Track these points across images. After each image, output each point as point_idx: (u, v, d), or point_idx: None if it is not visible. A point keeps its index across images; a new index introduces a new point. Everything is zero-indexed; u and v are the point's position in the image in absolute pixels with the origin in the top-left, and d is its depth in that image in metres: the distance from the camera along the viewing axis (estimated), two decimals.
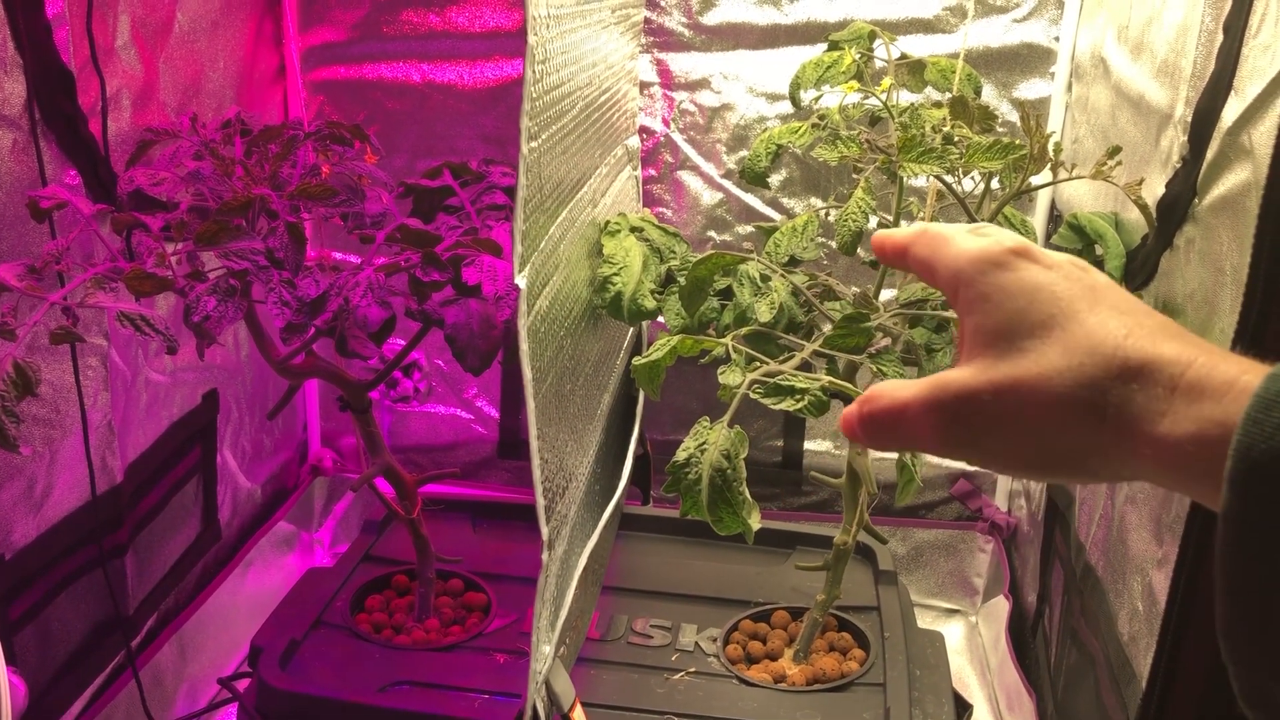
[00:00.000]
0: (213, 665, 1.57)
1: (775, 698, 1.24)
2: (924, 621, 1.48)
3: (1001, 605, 1.69)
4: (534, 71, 0.83)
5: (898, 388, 0.45)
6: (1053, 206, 1.63)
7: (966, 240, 0.45)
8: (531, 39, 0.81)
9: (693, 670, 1.30)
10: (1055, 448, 0.41)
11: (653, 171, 1.76)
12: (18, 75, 1.10)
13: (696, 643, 1.34)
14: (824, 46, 1.36)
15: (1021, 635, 1.61)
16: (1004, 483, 1.81)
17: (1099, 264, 1.19)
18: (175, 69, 1.40)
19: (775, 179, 1.71)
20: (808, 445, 1.84)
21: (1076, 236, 1.24)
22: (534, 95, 0.85)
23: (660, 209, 1.77)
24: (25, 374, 0.90)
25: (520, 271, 0.87)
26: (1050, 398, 0.40)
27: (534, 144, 0.87)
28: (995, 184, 1.19)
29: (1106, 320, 0.41)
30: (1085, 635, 1.28)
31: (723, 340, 1.05)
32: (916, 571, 1.85)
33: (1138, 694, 1.05)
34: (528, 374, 0.88)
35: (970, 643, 1.79)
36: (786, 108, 1.69)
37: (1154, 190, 1.13)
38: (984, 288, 0.43)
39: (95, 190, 1.22)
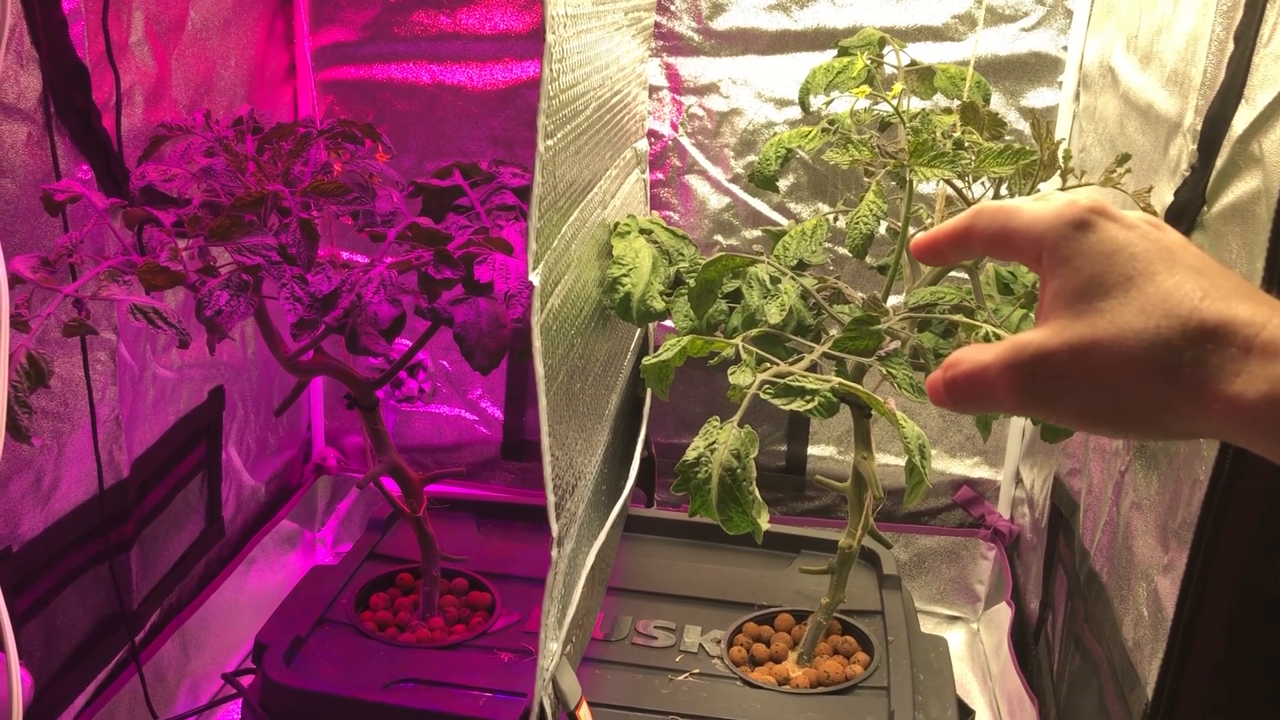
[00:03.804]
0: (215, 662, 1.57)
1: (779, 700, 1.24)
2: (925, 628, 1.48)
3: (1004, 612, 1.70)
4: (551, 70, 0.84)
5: (978, 351, 0.46)
6: None
7: (1041, 205, 0.45)
8: (550, 37, 0.82)
9: (696, 671, 1.30)
10: (1130, 405, 0.42)
11: (660, 175, 1.76)
12: (33, 70, 1.11)
13: (700, 644, 1.35)
14: (833, 53, 1.37)
15: (1024, 642, 1.62)
16: (1007, 490, 1.81)
17: None
18: (187, 66, 1.41)
19: (782, 184, 1.72)
20: (811, 450, 1.85)
21: None
22: (550, 94, 0.85)
23: (667, 213, 1.77)
24: (39, 365, 0.90)
25: (534, 269, 0.87)
26: (1126, 357, 0.41)
27: (549, 142, 0.87)
28: (1004, 190, 1.20)
29: (1183, 282, 0.41)
30: (1089, 641, 1.28)
31: (732, 341, 1.05)
32: (918, 578, 1.85)
33: (1142, 700, 1.05)
34: (540, 371, 0.88)
35: (972, 649, 1.79)
36: (794, 113, 1.69)
37: (1162, 198, 1.14)
38: (1065, 251, 0.44)
39: (107, 185, 1.22)
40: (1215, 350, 0.40)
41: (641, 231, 1.26)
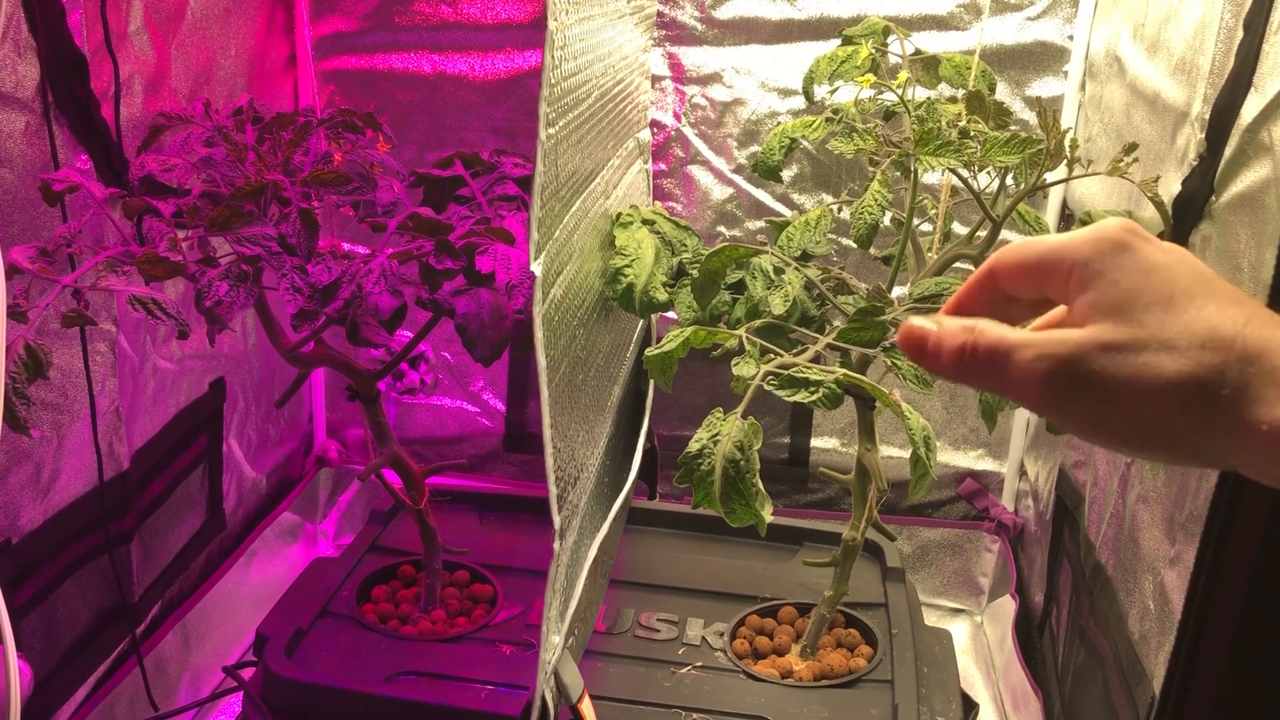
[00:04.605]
0: (216, 655, 1.56)
1: (782, 693, 1.24)
2: (929, 621, 1.48)
3: (1007, 605, 1.69)
4: (553, 57, 0.83)
5: (1006, 328, 0.44)
6: (1064, 206, 1.63)
7: (1071, 233, 0.45)
8: (551, 24, 0.81)
9: (699, 664, 1.29)
10: (1161, 424, 0.41)
11: (663, 166, 1.75)
12: (31, 59, 1.10)
13: (703, 637, 1.34)
14: (837, 42, 1.36)
15: (1028, 635, 1.61)
16: (1011, 482, 1.80)
17: None
18: (187, 56, 1.40)
19: (786, 174, 1.71)
20: (814, 442, 1.84)
21: None
22: (552, 81, 0.84)
23: (670, 203, 1.76)
24: (37, 356, 0.90)
25: (535, 259, 0.87)
26: (1168, 373, 0.41)
27: (551, 130, 0.86)
28: (1010, 180, 1.19)
29: (1225, 307, 0.42)
30: (1094, 634, 1.27)
31: (736, 332, 1.04)
32: (922, 571, 1.84)
33: (1148, 693, 1.05)
34: (542, 362, 0.87)
35: (975, 642, 1.79)
36: (798, 103, 1.68)
37: (1170, 188, 1.13)
38: (1102, 266, 0.43)
39: (106, 175, 1.21)
40: (1257, 375, 0.40)
41: (644, 222, 1.26)
